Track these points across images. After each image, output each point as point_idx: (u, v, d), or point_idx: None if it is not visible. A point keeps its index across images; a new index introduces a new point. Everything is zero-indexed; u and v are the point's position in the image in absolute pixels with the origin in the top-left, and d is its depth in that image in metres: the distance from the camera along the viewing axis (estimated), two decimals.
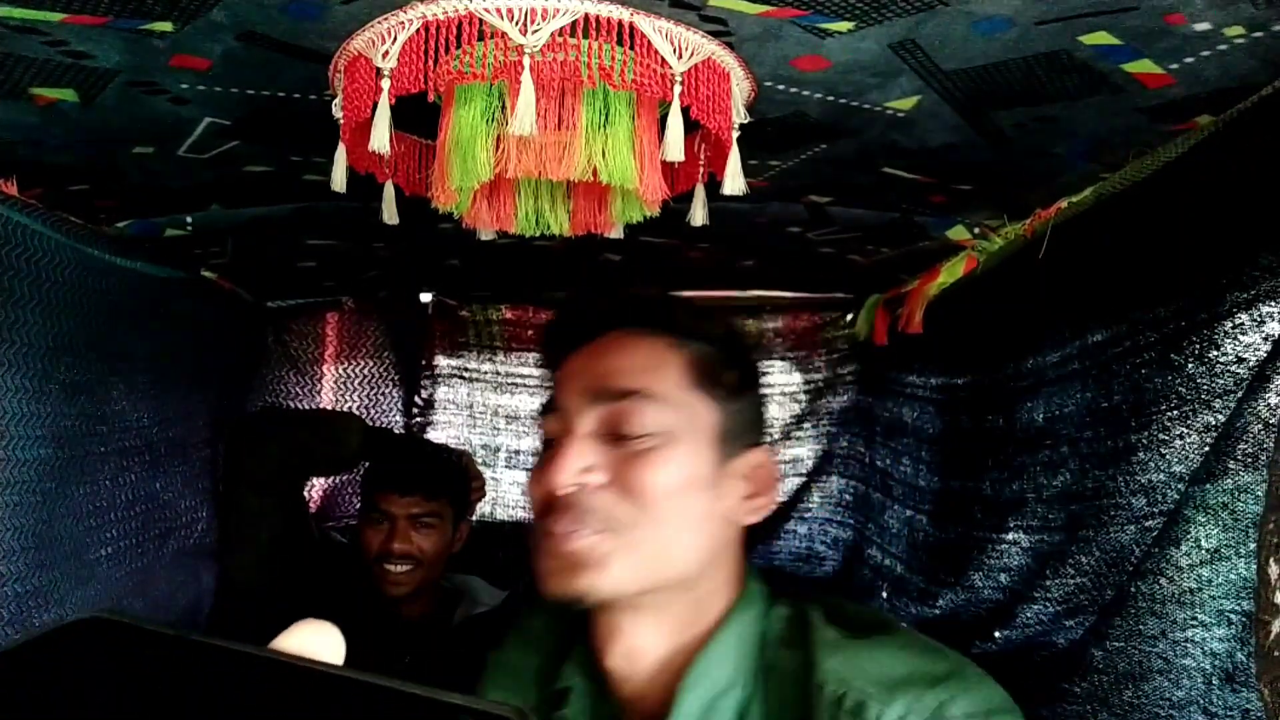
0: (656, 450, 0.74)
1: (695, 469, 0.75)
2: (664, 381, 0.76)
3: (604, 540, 0.72)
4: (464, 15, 0.67)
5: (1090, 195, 0.98)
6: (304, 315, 2.03)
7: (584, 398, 0.77)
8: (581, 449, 0.74)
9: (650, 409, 0.75)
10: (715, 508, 0.77)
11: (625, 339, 0.79)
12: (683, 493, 0.74)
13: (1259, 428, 0.77)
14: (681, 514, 0.74)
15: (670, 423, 0.75)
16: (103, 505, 1.22)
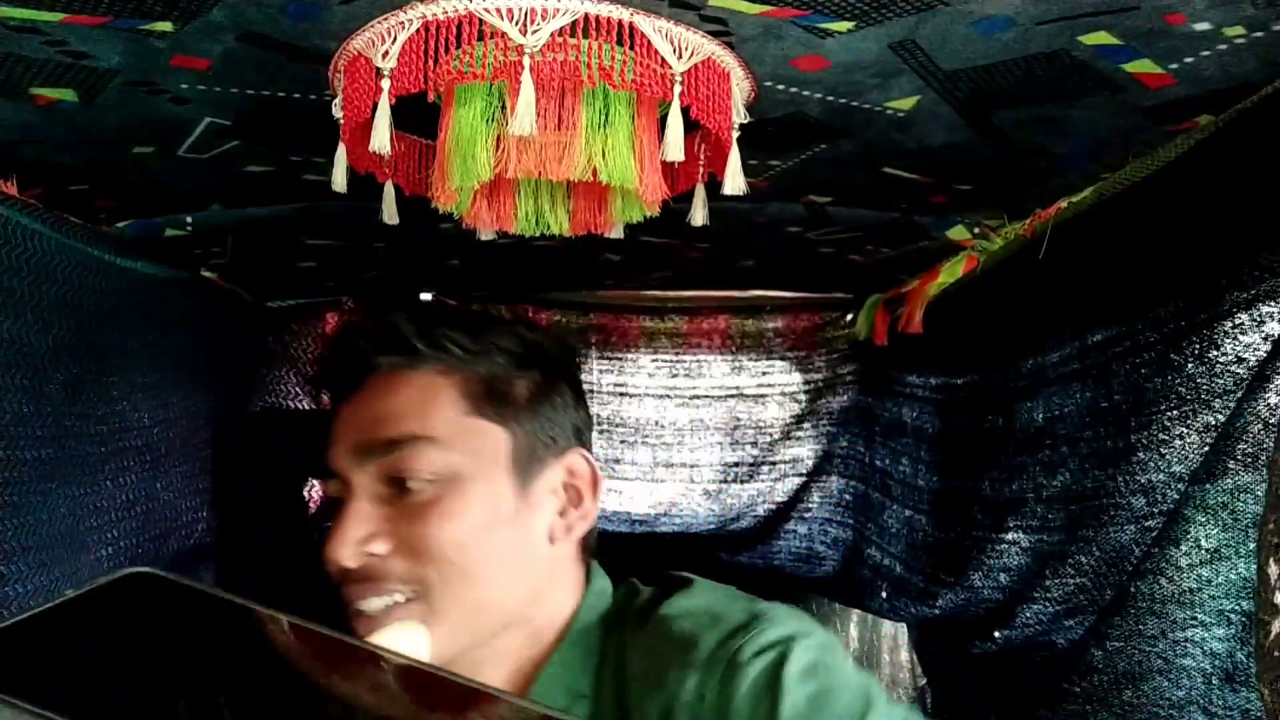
0: (441, 499, 0.68)
1: (491, 506, 0.69)
2: (436, 417, 0.70)
3: (411, 609, 0.66)
4: (464, 15, 0.67)
5: (1090, 195, 0.98)
6: (304, 315, 2.03)
7: (354, 454, 0.70)
8: (358, 516, 0.68)
9: (424, 453, 0.68)
10: (526, 539, 0.71)
11: (391, 378, 0.72)
12: (481, 537, 0.68)
13: (1259, 428, 0.77)
14: (487, 561, 0.68)
15: (451, 463, 0.68)
16: (103, 505, 1.22)
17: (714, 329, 2.01)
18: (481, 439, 0.70)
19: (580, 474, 0.75)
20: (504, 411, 0.72)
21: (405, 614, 0.66)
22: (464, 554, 0.67)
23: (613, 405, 2.12)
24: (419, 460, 0.68)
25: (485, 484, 0.69)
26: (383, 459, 0.69)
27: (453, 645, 0.67)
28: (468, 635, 0.68)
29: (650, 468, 2.10)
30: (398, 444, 0.68)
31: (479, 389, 0.71)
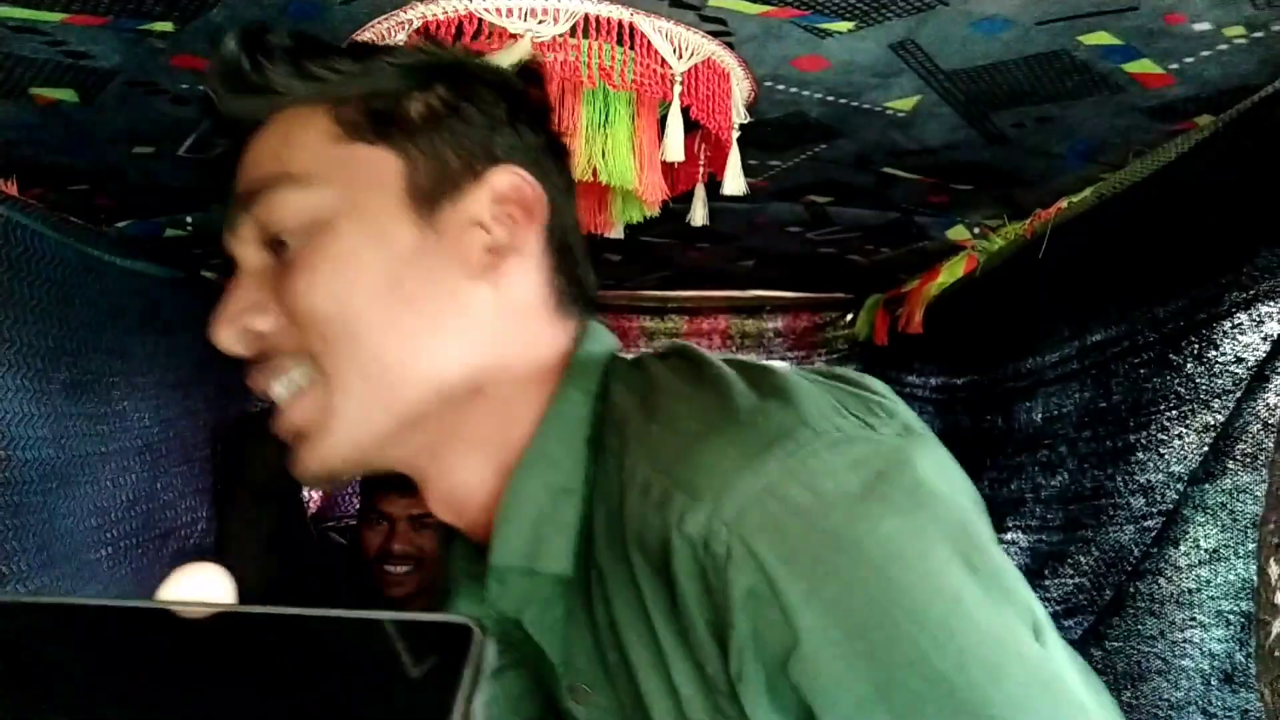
0: (313, 247, 0.55)
1: (377, 246, 0.55)
2: (298, 150, 0.57)
3: (313, 397, 0.55)
4: (464, 15, 0.67)
5: (1090, 195, 0.98)
6: None
7: (230, 224, 0.58)
8: (235, 290, 0.57)
9: (285, 196, 0.55)
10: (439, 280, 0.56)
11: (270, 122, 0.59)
12: (366, 285, 0.54)
13: (1258, 428, 0.77)
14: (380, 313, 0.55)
15: (320, 203, 0.55)
16: (103, 505, 1.22)
17: (714, 329, 2.01)
18: (361, 167, 0.56)
19: (510, 196, 0.58)
20: (391, 132, 0.57)
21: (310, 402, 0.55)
22: (345, 309, 0.54)
23: None
24: (279, 206, 0.55)
25: (368, 221, 0.55)
26: (250, 220, 0.57)
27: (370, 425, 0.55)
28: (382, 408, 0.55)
29: None
30: (256, 193, 0.56)
31: (356, 112, 0.57)
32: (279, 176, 0.55)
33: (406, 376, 0.55)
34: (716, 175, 0.79)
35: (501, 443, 0.57)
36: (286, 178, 0.55)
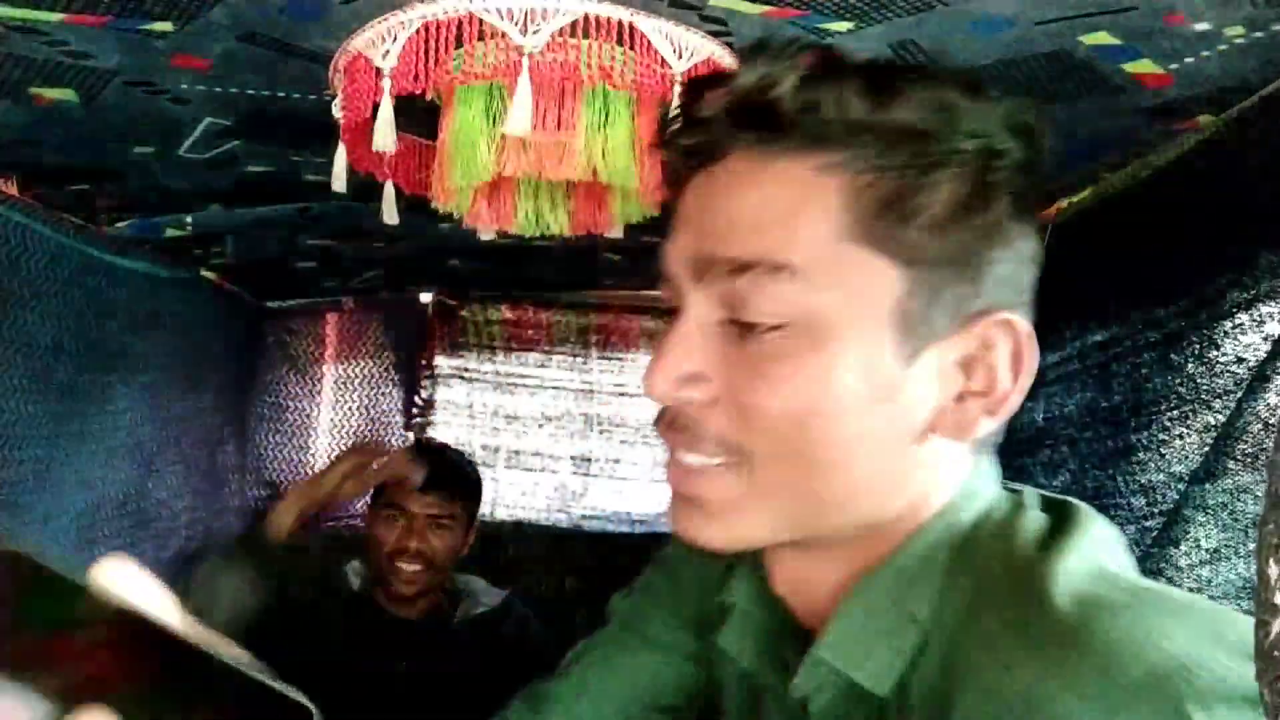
0: (791, 352, 0.49)
1: (859, 374, 0.49)
2: (804, 237, 0.49)
3: (726, 477, 0.52)
4: (464, 15, 0.67)
5: (1090, 195, 0.98)
6: (304, 315, 2.03)
7: (689, 262, 0.52)
8: (686, 346, 0.52)
9: (778, 287, 0.49)
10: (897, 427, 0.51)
11: (750, 166, 0.51)
12: (836, 415, 0.50)
13: (1259, 428, 0.77)
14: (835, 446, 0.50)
15: (814, 306, 0.49)
16: (103, 505, 1.22)
17: None
18: (863, 278, 0.49)
19: (1000, 347, 0.51)
20: (902, 239, 0.49)
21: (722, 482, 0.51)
22: (806, 432, 0.50)
23: (613, 405, 2.12)
24: (768, 296, 0.49)
25: (856, 344, 0.49)
26: (723, 284, 0.51)
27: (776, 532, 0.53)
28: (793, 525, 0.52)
29: (650, 467, 2.10)
30: (745, 268, 0.50)
31: (871, 201, 0.49)
32: (782, 266, 0.49)
33: (829, 511, 0.53)
34: None
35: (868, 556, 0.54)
36: (785, 269, 0.49)
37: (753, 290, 0.50)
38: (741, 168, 0.52)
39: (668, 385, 0.52)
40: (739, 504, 0.52)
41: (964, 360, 0.51)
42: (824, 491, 0.52)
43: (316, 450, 2.08)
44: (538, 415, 2.14)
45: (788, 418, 0.50)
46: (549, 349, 2.12)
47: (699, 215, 0.53)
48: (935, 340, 0.50)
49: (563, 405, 2.12)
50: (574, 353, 2.11)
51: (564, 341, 2.10)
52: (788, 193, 0.50)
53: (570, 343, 2.10)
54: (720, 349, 0.52)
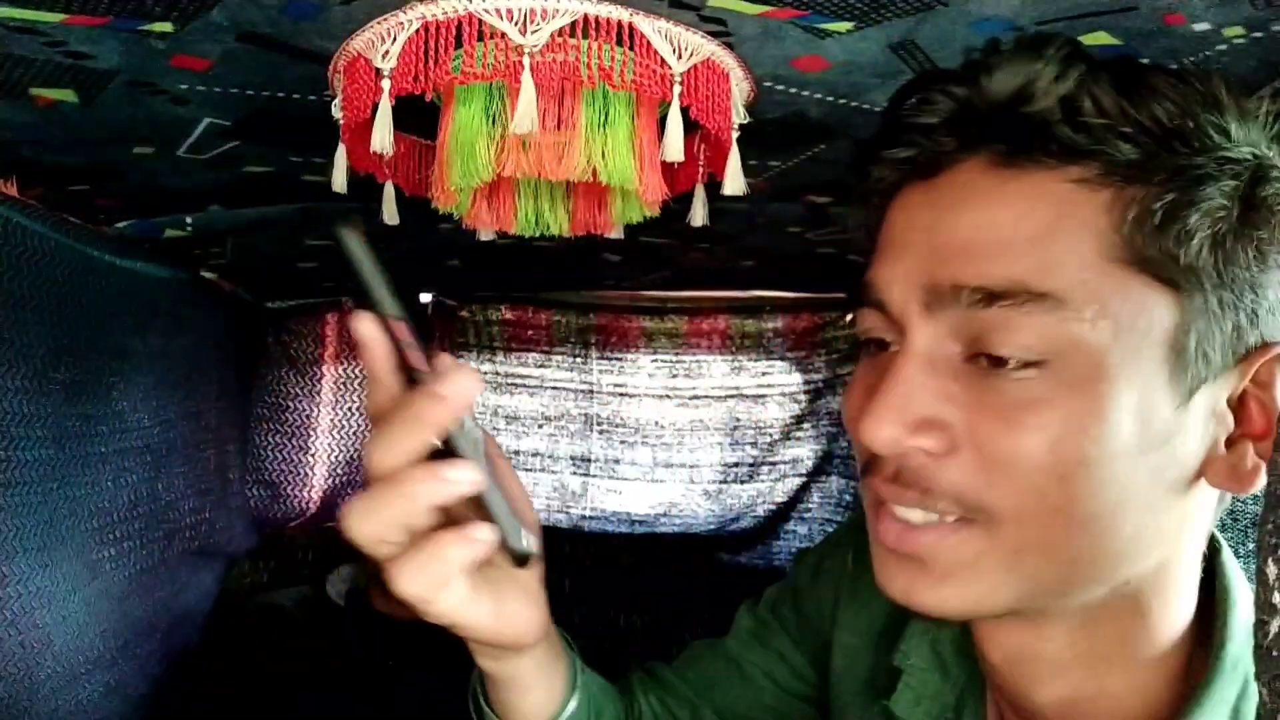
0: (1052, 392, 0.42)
1: (1132, 416, 0.43)
2: (1066, 261, 0.42)
3: (963, 535, 0.45)
4: (463, 16, 0.67)
5: None
6: (304, 315, 2.03)
7: (917, 288, 0.46)
8: (912, 385, 0.45)
9: (1037, 318, 0.42)
10: (1168, 475, 0.45)
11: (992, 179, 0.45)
12: (1105, 465, 0.43)
13: None
14: (1107, 500, 0.43)
15: (1081, 337, 0.42)
16: (104, 506, 1.22)
17: (714, 329, 2.01)
18: (1135, 308, 0.42)
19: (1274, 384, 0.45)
20: (1178, 263, 0.42)
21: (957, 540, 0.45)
22: (1067, 487, 0.43)
23: (613, 405, 2.12)
24: (1024, 329, 0.42)
25: (1129, 384, 0.42)
26: (965, 314, 0.44)
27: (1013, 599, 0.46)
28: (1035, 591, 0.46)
29: (650, 468, 2.10)
30: (995, 298, 0.43)
31: (1142, 218, 0.42)
32: (1041, 295, 0.42)
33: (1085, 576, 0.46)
34: (716, 175, 0.79)
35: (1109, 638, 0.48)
36: (1051, 300, 0.42)
37: (1005, 322, 0.43)
38: (980, 181, 0.46)
39: (898, 431, 0.45)
40: (977, 566, 0.45)
41: (1235, 400, 0.46)
42: (1082, 553, 0.45)
43: (316, 450, 2.08)
44: (538, 415, 2.14)
45: (1046, 471, 0.43)
46: (549, 349, 2.12)
47: (927, 236, 0.46)
48: (1211, 378, 0.44)
49: (563, 405, 2.12)
50: (574, 353, 2.11)
51: (564, 341, 2.10)
52: (1042, 210, 0.43)
53: (570, 343, 2.10)
54: (958, 391, 0.45)
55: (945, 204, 0.46)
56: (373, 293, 0.50)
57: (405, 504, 0.45)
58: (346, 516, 0.46)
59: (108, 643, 1.21)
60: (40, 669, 1.04)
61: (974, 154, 0.46)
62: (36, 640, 1.03)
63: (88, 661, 1.16)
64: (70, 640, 1.11)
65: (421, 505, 0.45)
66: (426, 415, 0.45)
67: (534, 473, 2.14)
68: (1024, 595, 0.46)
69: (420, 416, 0.45)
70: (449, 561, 0.46)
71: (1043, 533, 0.44)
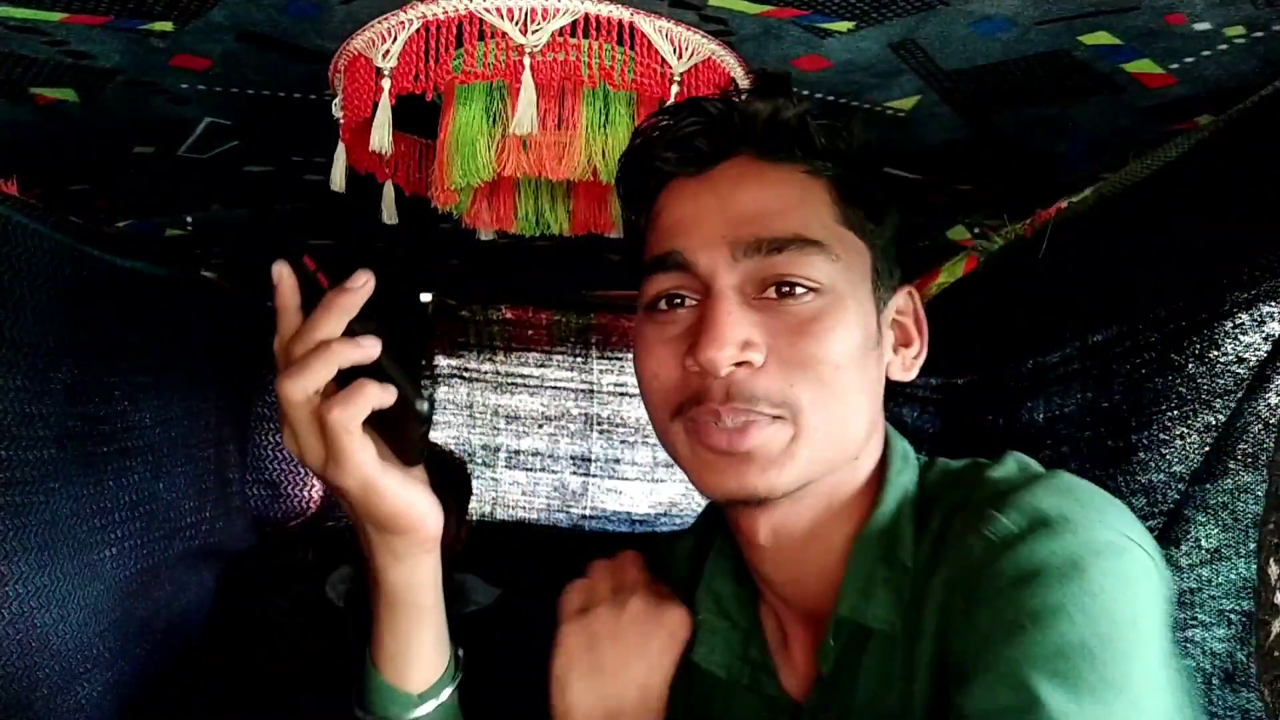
0: (826, 312, 0.62)
1: (864, 327, 0.64)
2: (819, 220, 0.63)
3: (782, 429, 0.61)
4: (464, 15, 0.67)
5: (1090, 195, 0.98)
6: None
7: (721, 247, 0.62)
8: (737, 316, 0.61)
9: (814, 259, 0.61)
10: (878, 371, 0.66)
11: (759, 168, 0.64)
12: (857, 359, 0.63)
13: (1259, 428, 0.77)
14: (857, 385, 0.63)
15: (834, 274, 0.62)
16: (106, 506, 1.22)
17: None
18: (852, 252, 0.64)
19: (909, 310, 0.71)
20: (865, 225, 0.65)
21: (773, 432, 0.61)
22: (839, 377, 0.61)
23: (613, 405, 2.12)
24: (805, 265, 0.61)
25: (857, 303, 0.63)
26: (763, 260, 0.61)
27: (808, 473, 0.63)
28: (827, 462, 0.64)
29: (650, 468, 2.10)
30: (784, 245, 0.61)
31: (846, 195, 0.65)
32: (812, 242, 0.62)
33: (850, 444, 0.65)
34: None
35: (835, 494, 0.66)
36: (817, 245, 0.62)
37: (791, 262, 0.61)
38: (748, 172, 0.64)
39: (734, 351, 0.60)
40: (790, 450, 0.62)
41: (894, 321, 0.69)
42: (850, 429, 0.64)
43: None
44: (538, 415, 2.14)
45: (828, 365, 0.61)
46: (549, 349, 2.12)
47: (718, 212, 0.63)
48: (885, 303, 0.67)
49: (563, 405, 2.12)
50: (574, 353, 2.11)
51: (564, 341, 2.10)
52: (794, 189, 0.64)
53: (570, 343, 2.10)
54: (760, 317, 0.61)
55: (725, 189, 0.64)
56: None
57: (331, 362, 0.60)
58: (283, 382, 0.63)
59: (107, 642, 1.21)
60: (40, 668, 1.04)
61: (733, 155, 0.65)
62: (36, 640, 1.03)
63: (87, 661, 1.16)
64: (70, 640, 1.11)
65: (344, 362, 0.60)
66: (342, 304, 0.62)
67: (534, 472, 2.14)
68: (816, 469, 0.63)
69: (337, 306, 0.62)
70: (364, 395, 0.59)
71: (829, 414, 0.62)
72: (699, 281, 0.63)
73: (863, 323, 0.64)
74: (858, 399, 0.64)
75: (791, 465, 0.62)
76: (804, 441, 0.61)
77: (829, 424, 0.62)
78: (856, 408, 0.64)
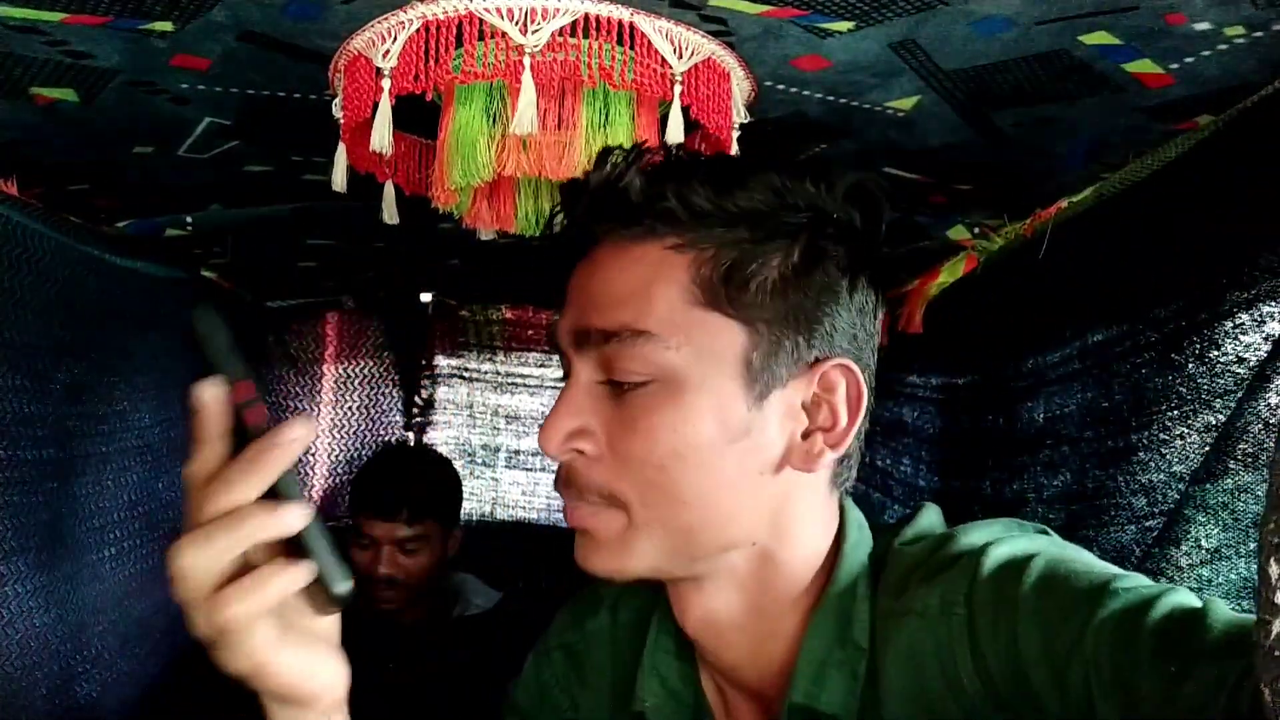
0: (654, 406, 0.58)
1: (713, 421, 0.58)
2: (658, 307, 0.58)
3: (614, 516, 0.60)
4: (464, 15, 0.67)
5: (1090, 195, 0.98)
6: (304, 315, 2.03)
7: (570, 334, 0.62)
8: (569, 405, 0.60)
9: (638, 350, 0.58)
10: (751, 464, 0.59)
11: (616, 249, 0.61)
12: (693, 457, 0.58)
13: (1259, 427, 0.77)
14: (695, 485, 0.58)
15: (668, 364, 0.57)
16: (106, 506, 1.22)
17: None
18: (710, 337, 0.58)
19: (837, 389, 0.61)
20: (741, 302, 0.58)
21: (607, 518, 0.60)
22: (667, 475, 0.57)
23: None
24: (631, 358, 0.58)
25: (709, 394, 0.58)
26: (597, 350, 0.59)
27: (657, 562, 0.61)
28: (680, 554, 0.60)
29: None
30: (611, 336, 0.58)
31: (712, 272, 0.58)
32: (640, 332, 0.58)
33: (708, 539, 0.60)
34: None
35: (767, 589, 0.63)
36: (643, 334, 0.58)
37: (619, 354, 0.58)
38: (609, 252, 0.61)
39: (559, 439, 0.60)
40: (623, 538, 0.60)
41: (807, 402, 0.61)
42: (694, 524, 0.60)
43: (316, 450, 2.08)
44: (538, 415, 2.14)
45: (652, 463, 0.58)
46: (549, 349, 2.12)
47: (577, 294, 0.62)
48: (779, 385, 0.60)
49: None
50: None
51: None
52: (643, 269, 0.59)
53: None
54: (599, 408, 0.60)
55: (590, 270, 0.62)
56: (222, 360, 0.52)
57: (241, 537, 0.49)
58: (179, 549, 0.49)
59: (107, 642, 1.21)
60: (39, 668, 1.04)
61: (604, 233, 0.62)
62: (36, 640, 1.03)
63: (86, 660, 1.16)
64: (70, 640, 1.11)
65: (256, 538, 0.49)
66: (266, 461, 0.50)
67: (534, 472, 2.14)
68: (662, 560, 0.60)
69: (261, 463, 0.50)
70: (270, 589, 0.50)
71: (658, 510, 0.59)
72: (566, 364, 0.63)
73: (715, 413, 0.58)
74: (711, 496, 0.59)
75: (629, 552, 0.60)
76: (640, 532, 0.59)
77: (667, 520, 0.59)
78: (709, 504, 0.59)
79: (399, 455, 1.76)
